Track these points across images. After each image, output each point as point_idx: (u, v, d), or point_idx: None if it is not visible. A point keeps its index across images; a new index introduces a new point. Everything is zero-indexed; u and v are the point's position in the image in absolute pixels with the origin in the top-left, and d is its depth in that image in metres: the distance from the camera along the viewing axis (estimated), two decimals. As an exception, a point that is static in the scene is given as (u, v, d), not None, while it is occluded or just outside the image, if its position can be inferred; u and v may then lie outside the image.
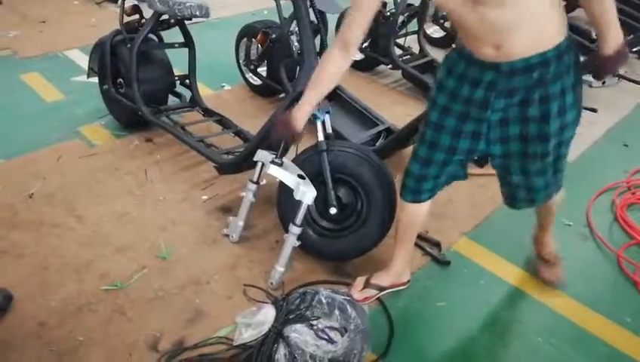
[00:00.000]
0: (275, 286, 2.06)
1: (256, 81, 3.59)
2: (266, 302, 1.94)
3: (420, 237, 2.35)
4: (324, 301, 1.88)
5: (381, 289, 2.06)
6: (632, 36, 3.91)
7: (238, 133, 2.80)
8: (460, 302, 2.08)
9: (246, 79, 3.70)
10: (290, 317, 1.84)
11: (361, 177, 2.04)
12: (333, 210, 2.03)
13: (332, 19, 3.61)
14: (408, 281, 2.12)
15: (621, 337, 1.96)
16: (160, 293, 2.04)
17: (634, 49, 4.09)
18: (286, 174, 1.96)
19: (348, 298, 1.94)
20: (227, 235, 2.30)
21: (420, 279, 2.17)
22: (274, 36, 3.22)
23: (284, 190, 2.09)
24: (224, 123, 2.88)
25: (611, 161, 3.07)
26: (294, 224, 1.98)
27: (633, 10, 4.04)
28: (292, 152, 2.15)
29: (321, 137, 2.00)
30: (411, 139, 2.81)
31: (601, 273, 2.27)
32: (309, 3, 2.21)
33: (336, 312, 1.87)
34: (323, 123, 2.09)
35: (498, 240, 2.40)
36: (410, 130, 2.68)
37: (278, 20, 2.73)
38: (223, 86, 3.77)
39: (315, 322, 1.85)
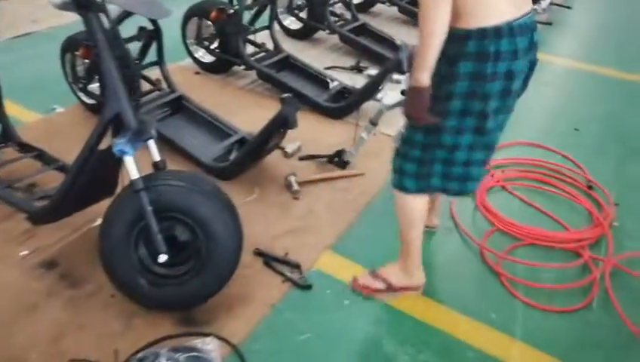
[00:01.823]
0: None
1: (208, 59, 3.74)
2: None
3: (278, 260, 2.15)
4: (164, 366, 1.61)
5: (389, 287, 2.01)
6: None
7: (62, 168, 2.39)
8: (324, 330, 1.89)
9: (195, 58, 3.77)
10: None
11: (193, 212, 1.77)
12: (162, 258, 1.73)
13: (167, 24, 3.25)
14: (422, 286, 2.04)
15: (487, 338, 1.89)
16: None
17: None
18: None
19: (194, 353, 1.68)
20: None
21: (281, 311, 1.96)
22: (231, 12, 3.40)
23: (108, 232, 1.77)
24: (45, 158, 2.45)
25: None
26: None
27: None
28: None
29: (134, 174, 1.68)
30: (266, 150, 2.59)
31: (467, 269, 2.20)
32: (116, 15, 1.86)
33: (180, 376, 1.60)
34: (145, 150, 1.78)
35: (362, 250, 2.25)
36: (267, 137, 2.44)
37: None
38: (54, 108, 3.27)
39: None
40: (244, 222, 2.03)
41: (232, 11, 3.42)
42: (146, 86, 3.11)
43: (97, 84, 3.02)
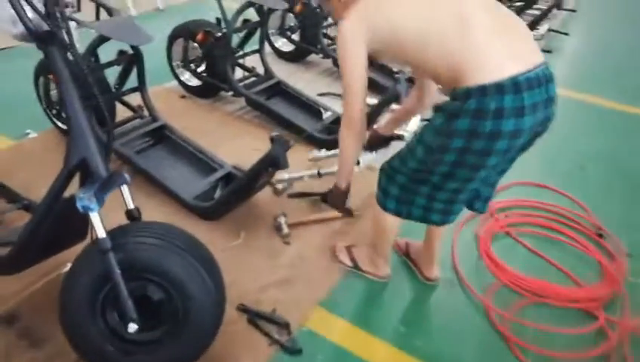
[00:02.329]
0: None
1: (194, 82, 3.54)
2: None
3: (264, 318, 1.94)
4: None
5: (355, 266, 2.19)
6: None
7: (27, 207, 2.17)
8: (315, 405, 1.69)
9: (181, 82, 3.58)
10: None
11: (167, 273, 1.55)
12: (132, 327, 1.52)
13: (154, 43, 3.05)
14: (387, 277, 2.16)
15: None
16: None
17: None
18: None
19: None
20: None
21: (266, 381, 1.75)
22: (218, 35, 3.24)
23: (69, 296, 1.55)
24: (9, 195, 2.23)
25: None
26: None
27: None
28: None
29: (101, 233, 1.47)
30: (254, 189, 2.39)
31: (471, 330, 2.00)
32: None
33: None
34: (119, 198, 1.56)
35: (360, 307, 2.05)
36: (254, 177, 2.24)
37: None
38: (28, 133, 3.05)
39: None
40: (229, 269, 1.83)
41: (219, 34, 3.23)
42: (126, 113, 2.91)
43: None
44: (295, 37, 4.16)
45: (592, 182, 2.99)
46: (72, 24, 2.35)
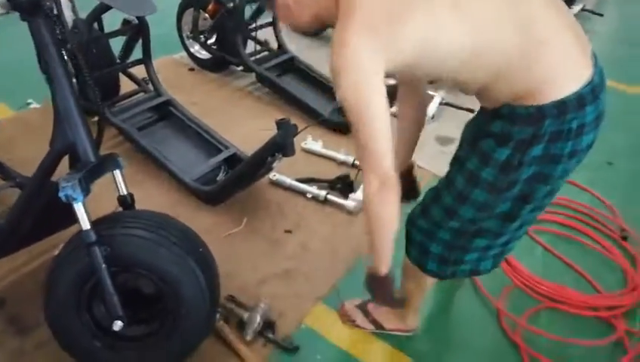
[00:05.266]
0: None
1: (204, 55, 3.40)
2: None
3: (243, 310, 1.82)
4: None
5: (379, 327, 1.81)
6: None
7: (21, 185, 2.08)
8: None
9: (191, 54, 3.44)
10: None
11: (158, 271, 1.46)
12: (118, 324, 1.43)
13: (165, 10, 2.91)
14: (416, 329, 1.82)
15: None
16: None
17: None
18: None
19: None
20: None
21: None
22: (230, 5, 3.05)
23: (54, 289, 1.46)
24: (2, 171, 2.14)
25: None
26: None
27: None
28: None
29: (85, 224, 1.36)
30: (258, 175, 2.27)
31: (481, 335, 1.88)
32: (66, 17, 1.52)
33: None
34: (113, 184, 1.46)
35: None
36: (258, 162, 2.13)
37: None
38: (29, 103, 2.95)
39: None
40: (228, 259, 1.73)
41: (231, 5, 3.06)
42: (130, 86, 2.79)
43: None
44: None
45: (621, 179, 2.79)
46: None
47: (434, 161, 2.60)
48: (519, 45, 1.13)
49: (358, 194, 2.33)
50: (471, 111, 2.79)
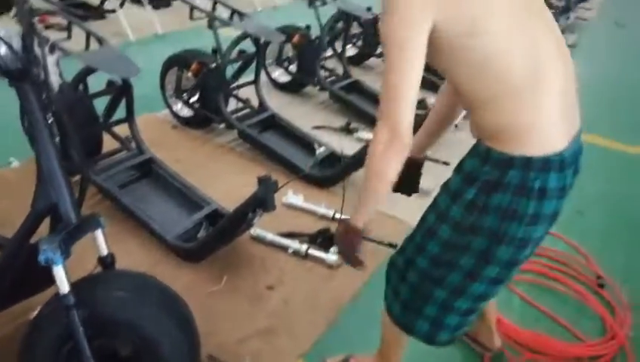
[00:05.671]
0: None
1: (186, 113, 3.48)
2: None
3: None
4: None
5: None
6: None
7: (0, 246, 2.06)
8: None
9: (174, 112, 3.53)
10: None
11: (137, 333, 1.45)
12: (95, 390, 1.40)
13: (149, 69, 3.00)
14: None
15: None
16: None
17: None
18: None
19: None
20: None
21: None
22: (213, 65, 3.17)
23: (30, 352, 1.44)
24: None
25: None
26: None
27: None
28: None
29: (64, 288, 1.36)
30: (239, 231, 2.29)
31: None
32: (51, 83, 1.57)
33: None
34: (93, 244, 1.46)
35: None
36: (239, 218, 2.15)
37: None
38: (11, 162, 2.96)
39: None
40: (208, 317, 1.72)
41: (214, 65, 3.17)
42: (113, 144, 2.83)
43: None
44: (292, 68, 4.11)
45: (592, 227, 2.87)
46: (60, 53, 2.29)
47: (411, 213, 2.64)
48: (526, 68, 1.16)
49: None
50: (447, 164, 2.87)
